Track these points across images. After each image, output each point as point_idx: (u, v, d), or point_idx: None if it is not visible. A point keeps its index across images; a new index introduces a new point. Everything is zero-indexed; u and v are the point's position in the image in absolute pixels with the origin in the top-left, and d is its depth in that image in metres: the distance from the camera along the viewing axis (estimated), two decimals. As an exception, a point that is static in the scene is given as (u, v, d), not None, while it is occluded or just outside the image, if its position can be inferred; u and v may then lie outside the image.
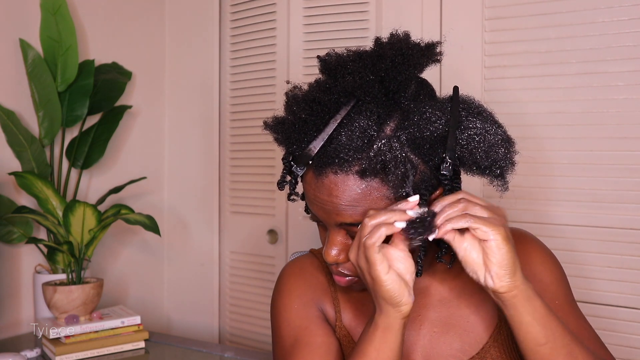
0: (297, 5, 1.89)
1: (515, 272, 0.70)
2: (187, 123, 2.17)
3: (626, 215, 1.45)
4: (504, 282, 0.70)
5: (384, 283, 0.70)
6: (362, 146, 0.73)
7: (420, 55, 0.78)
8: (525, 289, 0.71)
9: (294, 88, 0.83)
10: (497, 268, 0.69)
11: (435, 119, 0.75)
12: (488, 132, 0.76)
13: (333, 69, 0.79)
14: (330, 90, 0.76)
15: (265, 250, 2.00)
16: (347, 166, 0.74)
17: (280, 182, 0.82)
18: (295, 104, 0.79)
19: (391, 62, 0.76)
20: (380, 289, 0.71)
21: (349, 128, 0.74)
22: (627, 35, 1.43)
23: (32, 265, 1.75)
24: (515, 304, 0.72)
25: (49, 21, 1.69)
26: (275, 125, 0.82)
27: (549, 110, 1.53)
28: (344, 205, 0.75)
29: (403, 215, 0.71)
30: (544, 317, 0.73)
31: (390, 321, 0.73)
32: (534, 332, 0.73)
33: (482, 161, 0.76)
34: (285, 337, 0.89)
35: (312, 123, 0.76)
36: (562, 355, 0.74)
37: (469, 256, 0.71)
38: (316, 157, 0.76)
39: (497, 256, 0.69)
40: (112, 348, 1.54)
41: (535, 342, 0.73)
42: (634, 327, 1.45)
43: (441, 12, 1.67)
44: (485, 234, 0.68)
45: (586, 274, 1.50)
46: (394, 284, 0.70)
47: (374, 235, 0.70)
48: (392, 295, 0.71)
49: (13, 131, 1.64)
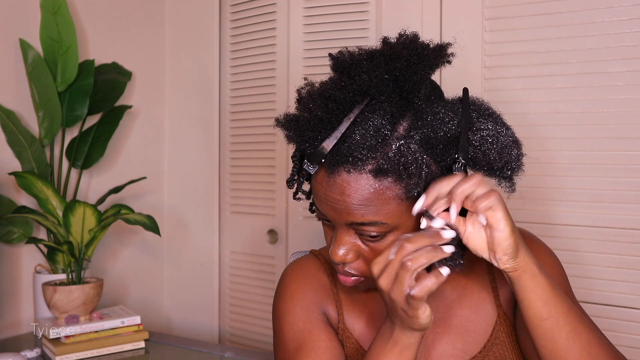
0: (297, 5, 1.89)
1: (518, 253, 0.72)
2: (187, 123, 2.17)
3: (626, 215, 1.45)
4: (508, 264, 0.72)
5: (420, 321, 0.71)
6: (375, 145, 0.73)
7: (435, 55, 0.78)
8: (530, 267, 0.73)
9: (306, 85, 0.83)
10: (501, 254, 0.72)
11: (448, 120, 0.75)
12: (500, 134, 0.76)
13: (347, 67, 0.78)
14: (346, 89, 0.76)
15: (265, 250, 2.00)
16: (360, 165, 0.73)
17: (290, 180, 0.81)
18: (311, 101, 0.78)
19: (406, 62, 0.76)
20: (414, 324, 0.72)
21: (363, 127, 0.73)
22: (627, 35, 1.43)
23: (32, 265, 1.75)
24: (520, 280, 0.74)
25: (49, 21, 1.69)
26: (287, 123, 0.80)
27: (549, 110, 1.53)
28: (356, 204, 0.75)
29: (443, 254, 0.70)
30: (547, 293, 0.74)
31: (412, 341, 0.75)
32: (536, 308, 0.74)
33: (495, 162, 0.76)
34: (288, 341, 0.88)
35: (327, 121, 0.75)
36: (564, 331, 0.74)
37: (474, 240, 0.73)
38: (329, 155, 0.75)
39: (502, 246, 0.71)
40: (112, 348, 1.54)
41: (538, 317, 0.75)
42: (634, 327, 1.45)
43: (441, 12, 1.67)
44: (499, 221, 0.70)
45: (586, 274, 1.50)
46: (428, 318, 0.71)
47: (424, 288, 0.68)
48: (423, 326, 0.72)
49: (13, 131, 1.64)
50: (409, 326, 0.73)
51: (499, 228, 0.70)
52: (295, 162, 0.81)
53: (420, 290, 0.68)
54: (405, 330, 0.74)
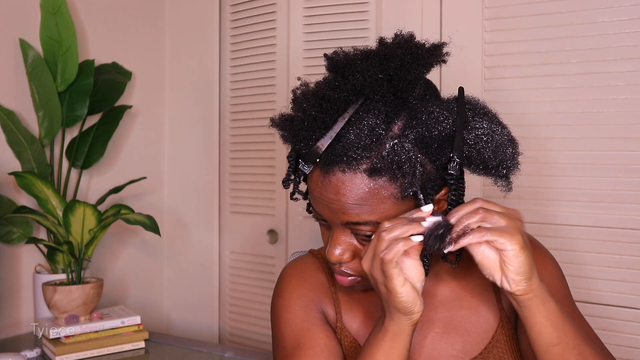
0: (297, 5, 1.89)
1: (532, 276, 0.71)
2: (187, 123, 2.17)
3: (626, 215, 1.45)
4: (520, 286, 0.71)
5: (400, 295, 0.71)
6: (370, 145, 0.73)
7: (429, 55, 0.78)
8: (541, 291, 0.73)
9: (301, 85, 0.83)
10: (513, 275, 0.70)
11: (443, 119, 0.75)
12: (495, 132, 0.76)
13: (342, 67, 0.78)
14: (340, 88, 0.76)
15: (265, 250, 2.00)
16: (355, 164, 0.73)
17: (286, 180, 0.81)
18: (305, 101, 0.78)
19: (400, 62, 0.76)
20: (395, 299, 0.72)
21: (357, 126, 0.74)
22: (627, 35, 1.43)
23: (32, 265, 1.75)
24: (530, 305, 0.73)
25: (49, 21, 1.69)
26: (282, 123, 0.80)
27: (549, 110, 1.53)
28: (351, 203, 0.75)
29: (419, 228, 0.71)
30: (557, 318, 0.74)
31: (400, 328, 0.75)
32: (547, 333, 0.74)
33: (490, 161, 0.76)
34: (286, 339, 0.89)
35: (321, 120, 0.75)
36: (573, 355, 0.74)
37: (486, 260, 0.72)
38: (324, 155, 0.75)
39: (514, 264, 0.70)
40: (112, 348, 1.54)
41: (548, 342, 0.74)
42: (633, 327, 1.45)
43: (441, 12, 1.67)
44: (503, 244, 0.69)
45: (586, 273, 1.49)
46: (408, 295, 0.72)
47: (391, 250, 0.70)
48: (406, 306, 0.72)
49: (13, 131, 1.64)
50: (394, 307, 0.73)
51: (507, 249, 0.70)
52: (290, 162, 0.81)
53: (388, 251, 0.70)
54: (393, 315, 0.74)
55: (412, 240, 0.71)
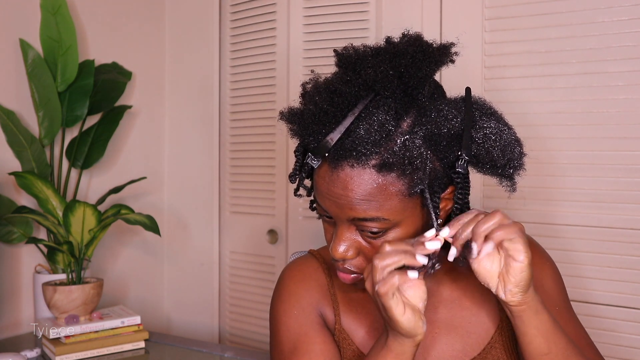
0: (297, 5, 1.89)
1: (528, 290, 0.72)
2: (187, 123, 2.17)
3: (626, 215, 1.45)
4: (515, 298, 0.72)
5: (400, 324, 0.71)
6: (379, 140, 0.73)
7: (440, 53, 0.78)
8: (534, 303, 0.73)
9: (311, 80, 0.82)
10: (512, 286, 0.71)
11: (451, 117, 0.75)
12: (503, 132, 0.77)
13: (353, 62, 0.78)
14: (351, 83, 0.76)
15: (265, 250, 2.00)
16: (364, 159, 0.73)
17: (293, 174, 0.81)
18: (317, 94, 0.78)
19: (412, 59, 0.76)
20: (396, 327, 0.72)
21: (367, 122, 0.74)
22: (627, 35, 1.43)
23: (32, 265, 1.75)
24: (522, 316, 0.74)
25: (49, 21, 1.69)
26: (291, 116, 0.80)
27: (549, 110, 1.53)
28: (358, 199, 0.74)
29: (412, 260, 0.71)
30: (549, 330, 0.75)
31: (404, 349, 0.75)
32: (537, 343, 0.75)
33: (498, 159, 0.76)
34: (284, 342, 0.89)
35: (332, 114, 0.75)
36: None
37: (482, 266, 0.72)
38: (333, 149, 0.75)
39: (516, 277, 0.71)
40: (112, 348, 1.54)
41: (538, 352, 0.75)
42: (633, 327, 1.45)
43: (441, 12, 1.67)
44: (518, 253, 0.70)
45: (586, 274, 1.50)
46: (409, 323, 0.71)
47: (386, 283, 0.70)
48: (408, 332, 0.72)
49: (13, 131, 1.64)
50: (395, 330, 0.73)
51: (518, 259, 0.70)
52: (297, 156, 0.81)
53: (383, 284, 0.69)
54: (397, 336, 0.74)
55: (407, 275, 0.71)
